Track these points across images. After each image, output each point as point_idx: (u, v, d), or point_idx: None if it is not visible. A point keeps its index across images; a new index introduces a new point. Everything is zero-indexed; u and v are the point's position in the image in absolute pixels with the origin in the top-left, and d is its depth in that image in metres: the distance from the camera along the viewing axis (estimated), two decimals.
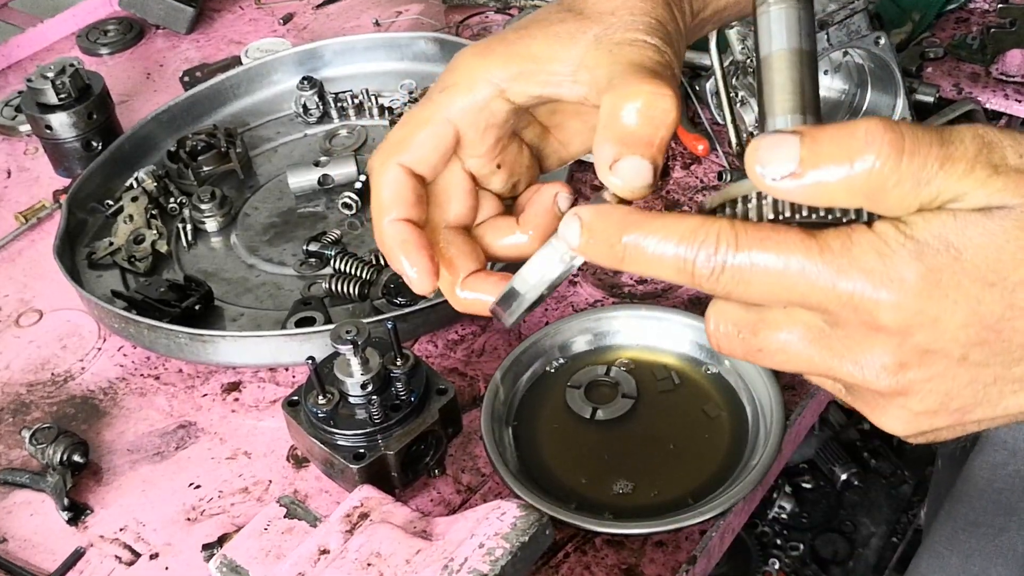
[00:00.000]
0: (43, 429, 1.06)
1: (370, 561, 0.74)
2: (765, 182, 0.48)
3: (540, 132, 0.70)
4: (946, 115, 1.29)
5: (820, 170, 0.47)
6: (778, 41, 0.56)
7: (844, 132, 0.47)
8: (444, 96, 0.65)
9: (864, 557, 1.96)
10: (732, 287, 0.50)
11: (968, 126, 0.48)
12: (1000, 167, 0.47)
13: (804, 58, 0.56)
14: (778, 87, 0.56)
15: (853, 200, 0.48)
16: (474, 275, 0.67)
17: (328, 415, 0.96)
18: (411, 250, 0.64)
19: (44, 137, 1.45)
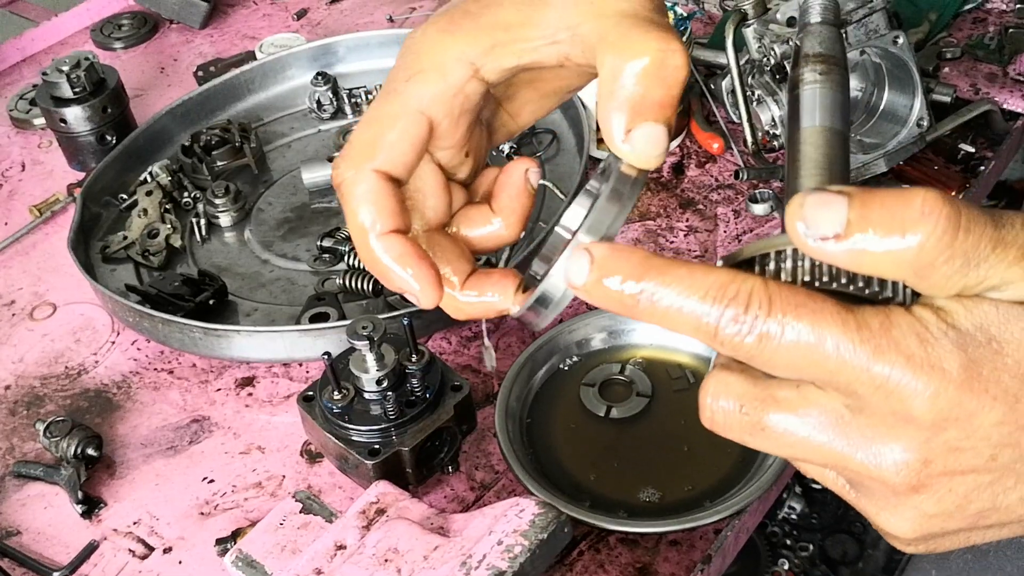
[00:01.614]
0: (57, 422, 1.06)
1: (387, 557, 0.74)
2: (807, 242, 0.44)
3: (493, 107, 0.64)
4: (963, 115, 1.28)
5: (869, 236, 0.43)
6: (815, 118, 0.56)
7: (899, 200, 0.43)
8: (412, 85, 0.57)
9: (874, 558, 1.95)
10: (756, 354, 0.45)
11: (1020, 213, 0.45)
12: None
13: (838, 139, 0.56)
14: (811, 161, 0.54)
15: (899, 273, 0.44)
16: (473, 277, 0.60)
17: (343, 411, 0.95)
18: (411, 263, 0.57)
19: (58, 131, 1.45)
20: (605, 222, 0.50)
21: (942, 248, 0.43)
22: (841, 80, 0.59)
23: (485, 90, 0.59)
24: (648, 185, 1.33)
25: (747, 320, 0.45)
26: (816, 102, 0.57)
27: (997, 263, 0.44)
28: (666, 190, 1.32)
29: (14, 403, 1.15)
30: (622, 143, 0.51)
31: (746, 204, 1.27)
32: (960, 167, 1.27)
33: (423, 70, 0.57)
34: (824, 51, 0.60)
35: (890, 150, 1.18)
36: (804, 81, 0.57)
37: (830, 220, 0.43)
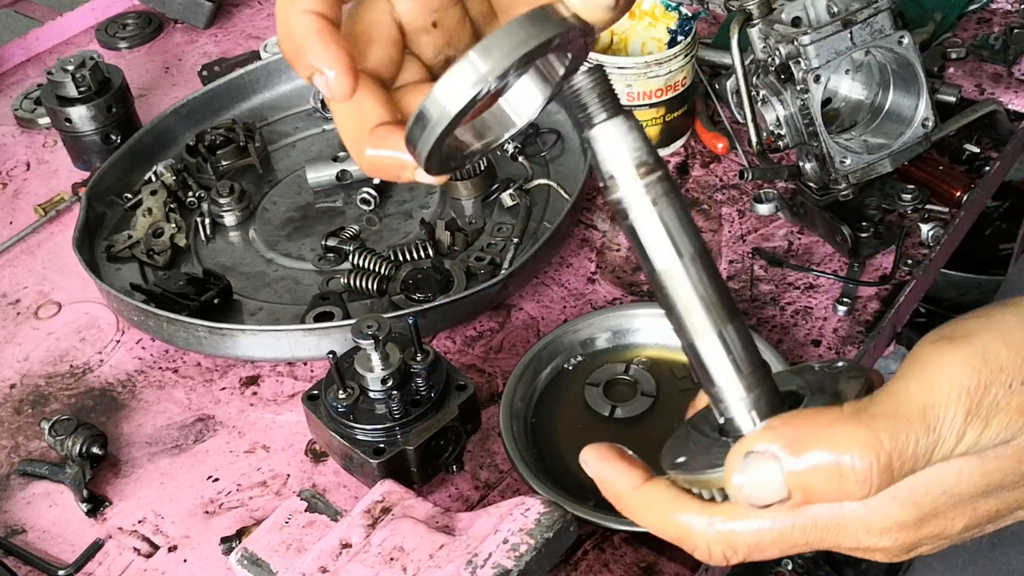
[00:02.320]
0: (62, 421, 1.06)
1: (393, 555, 0.74)
2: (754, 508, 0.49)
3: (486, 11, 0.60)
4: (968, 116, 1.28)
5: (811, 508, 0.49)
6: (673, 253, 0.50)
7: (831, 467, 0.46)
8: None
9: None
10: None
11: (950, 376, 0.47)
12: (991, 414, 0.47)
13: (705, 266, 0.51)
14: (699, 320, 0.51)
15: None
16: (386, 126, 0.54)
17: (348, 410, 0.96)
18: (329, 42, 0.51)
19: (63, 130, 1.45)
20: (501, 45, 0.47)
21: (885, 492, 0.47)
22: (670, 183, 0.50)
23: None
24: None
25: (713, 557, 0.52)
26: (663, 230, 0.50)
27: (938, 455, 0.47)
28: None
29: (19, 402, 1.16)
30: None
31: (751, 204, 1.27)
32: (965, 167, 1.27)
33: None
34: (640, 158, 0.49)
35: (895, 150, 1.18)
36: (631, 208, 0.49)
37: (773, 492, 0.47)
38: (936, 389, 0.47)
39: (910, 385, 0.47)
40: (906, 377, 0.48)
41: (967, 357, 0.47)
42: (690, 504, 0.52)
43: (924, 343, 0.49)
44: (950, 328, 0.49)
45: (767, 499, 0.47)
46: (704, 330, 0.51)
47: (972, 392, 0.47)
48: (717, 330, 0.51)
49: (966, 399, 0.47)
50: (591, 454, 0.56)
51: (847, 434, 0.46)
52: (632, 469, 0.54)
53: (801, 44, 1.12)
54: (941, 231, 1.19)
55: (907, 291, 1.13)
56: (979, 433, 0.47)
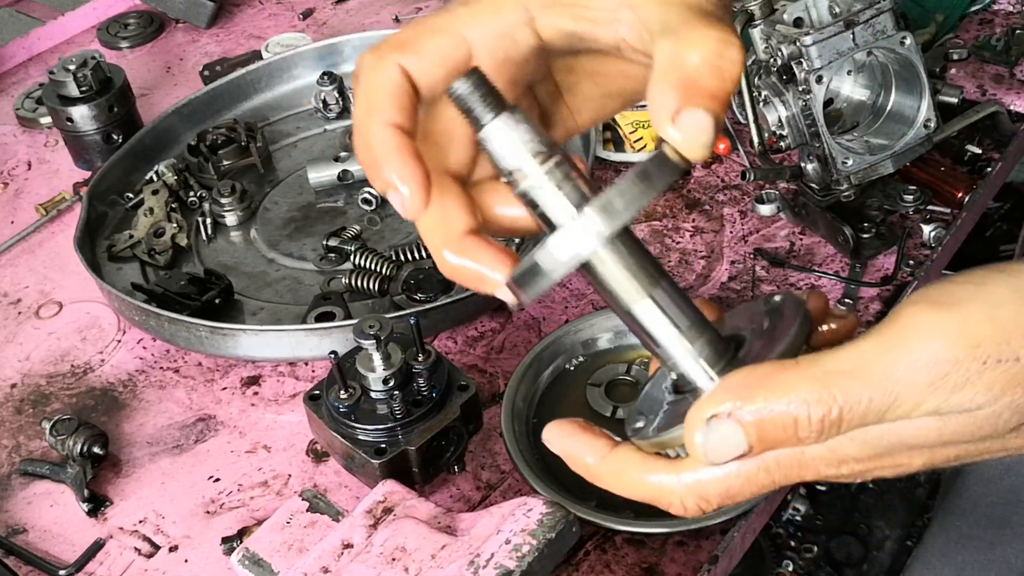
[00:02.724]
0: (63, 420, 1.06)
1: (395, 556, 0.74)
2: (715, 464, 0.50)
3: (552, 92, 0.62)
4: (970, 117, 1.28)
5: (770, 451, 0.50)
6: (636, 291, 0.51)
7: (788, 419, 0.48)
8: (466, 11, 0.56)
9: (878, 560, 1.95)
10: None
11: (922, 344, 0.47)
12: (959, 386, 0.48)
13: (670, 291, 0.52)
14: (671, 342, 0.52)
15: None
16: (470, 236, 0.55)
17: (349, 410, 0.95)
18: (407, 159, 0.52)
19: (65, 129, 1.45)
20: (620, 200, 0.49)
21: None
22: (569, 164, 0.51)
23: (537, 46, 0.57)
24: None
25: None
26: (622, 271, 0.50)
27: (893, 410, 0.48)
28: (672, 190, 1.32)
29: (20, 401, 1.15)
30: (669, 124, 0.50)
31: (752, 204, 1.27)
32: (967, 168, 1.27)
33: (480, 1, 0.56)
34: (535, 148, 0.50)
35: (897, 151, 1.18)
36: (539, 196, 0.50)
37: (730, 444, 0.48)
38: (903, 355, 0.47)
39: (878, 346, 0.48)
40: (878, 336, 0.48)
41: (945, 328, 0.47)
42: (657, 465, 0.53)
43: (907, 303, 0.49)
44: (937, 291, 0.49)
45: (729, 455, 0.49)
46: (636, 297, 0.51)
47: (941, 364, 0.47)
48: (648, 293, 0.52)
49: (934, 370, 0.47)
50: (554, 432, 0.57)
51: (803, 389, 0.47)
52: (596, 440, 0.55)
53: (803, 44, 1.12)
54: (943, 232, 1.19)
55: (909, 292, 1.13)
56: (942, 400, 0.48)
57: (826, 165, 1.17)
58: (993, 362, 0.47)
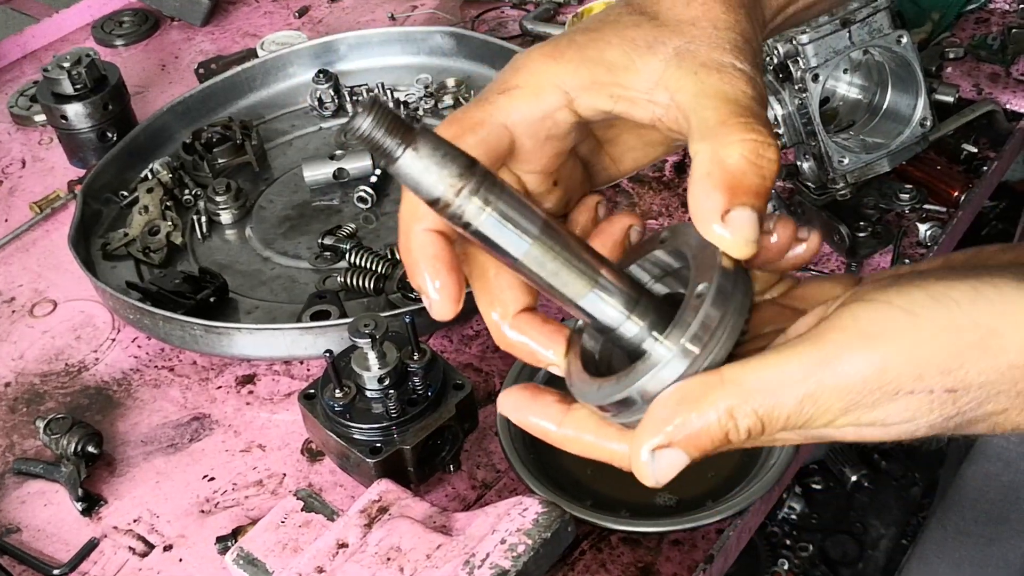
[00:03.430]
0: (57, 419, 1.05)
1: (390, 556, 0.73)
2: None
3: (593, 146, 0.64)
4: (966, 116, 1.28)
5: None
6: (520, 239, 0.51)
7: (718, 434, 0.50)
8: (505, 99, 0.57)
9: (874, 559, 1.95)
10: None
11: (838, 372, 0.49)
12: (869, 409, 0.50)
13: (556, 236, 0.52)
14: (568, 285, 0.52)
15: None
16: (525, 314, 0.58)
17: (345, 409, 0.95)
18: (441, 268, 0.55)
19: (59, 127, 1.44)
20: (706, 334, 0.51)
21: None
22: (491, 179, 0.50)
23: (577, 122, 0.58)
24: (650, 184, 1.33)
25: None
26: (506, 223, 0.50)
27: (810, 424, 0.51)
28: (668, 189, 1.31)
29: (14, 400, 1.15)
30: (718, 224, 0.51)
31: None
32: (963, 167, 1.27)
33: (519, 87, 0.58)
34: (454, 171, 0.49)
35: (893, 150, 1.17)
36: (468, 217, 0.50)
37: (671, 469, 0.51)
38: (820, 382, 0.49)
39: (801, 368, 0.50)
40: (801, 357, 0.50)
41: (863, 363, 0.49)
42: (610, 432, 0.55)
43: (839, 319, 0.51)
44: (870, 314, 0.50)
45: (674, 473, 0.52)
46: (582, 290, 0.53)
47: (856, 393, 0.49)
48: (592, 284, 0.53)
49: (848, 398, 0.49)
50: (508, 403, 0.57)
51: (731, 406, 0.50)
52: (550, 407, 0.56)
53: (799, 43, 1.12)
54: (939, 231, 1.19)
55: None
56: (855, 419, 0.50)
57: (822, 164, 1.17)
58: (905, 394, 0.49)
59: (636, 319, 0.53)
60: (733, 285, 0.52)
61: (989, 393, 0.49)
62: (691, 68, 0.55)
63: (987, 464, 1.34)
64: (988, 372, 0.49)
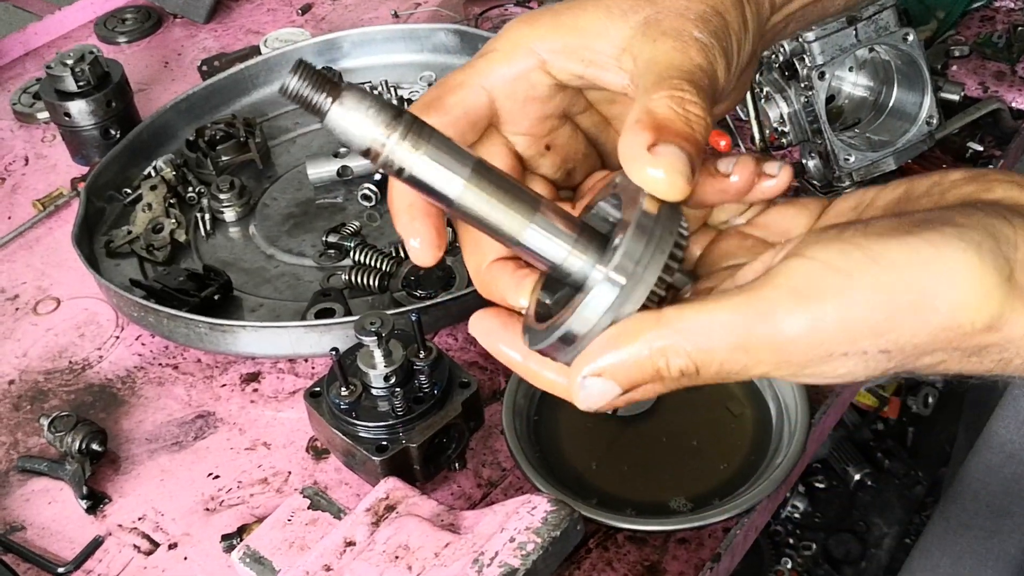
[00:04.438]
0: (61, 417, 1.05)
1: (398, 554, 0.73)
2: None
3: (599, 121, 0.66)
4: (971, 114, 1.28)
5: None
6: (454, 178, 0.52)
7: (651, 371, 0.52)
8: (482, 61, 0.61)
9: (877, 558, 1.95)
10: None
11: (774, 331, 0.50)
12: (803, 372, 0.52)
13: (487, 173, 0.53)
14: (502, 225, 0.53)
15: None
16: (499, 261, 0.60)
17: (351, 407, 0.95)
18: (418, 215, 0.58)
19: (62, 124, 1.44)
20: (630, 264, 0.51)
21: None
22: (418, 123, 0.52)
23: (554, 84, 0.61)
24: None
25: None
26: (438, 165, 0.51)
27: (741, 373, 0.52)
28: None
29: (18, 398, 1.15)
30: (648, 159, 0.52)
31: None
32: (968, 166, 1.27)
33: (495, 50, 0.61)
34: (382, 120, 0.50)
35: (899, 148, 1.17)
36: (401, 162, 0.51)
37: (604, 397, 0.53)
38: (754, 334, 0.50)
39: (734, 318, 0.50)
40: (736, 307, 0.50)
41: (797, 324, 0.49)
42: (567, 371, 0.55)
43: (776, 275, 0.51)
44: (806, 271, 0.50)
45: (604, 401, 0.53)
46: (520, 227, 0.53)
47: (788, 352, 0.50)
48: (530, 219, 0.53)
49: (780, 355, 0.50)
50: (480, 327, 0.59)
51: (664, 345, 0.51)
52: (518, 338, 0.58)
53: (806, 41, 1.12)
54: None
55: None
56: (788, 373, 0.52)
57: (828, 162, 1.16)
58: (839, 355, 0.50)
59: (579, 252, 0.54)
60: (655, 220, 0.52)
61: (924, 351, 0.50)
62: (652, 36, 0.57)
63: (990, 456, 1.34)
64: (920, 334, 0.49)
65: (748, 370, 0.51)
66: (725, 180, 0.57)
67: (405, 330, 0.98)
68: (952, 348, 0.50)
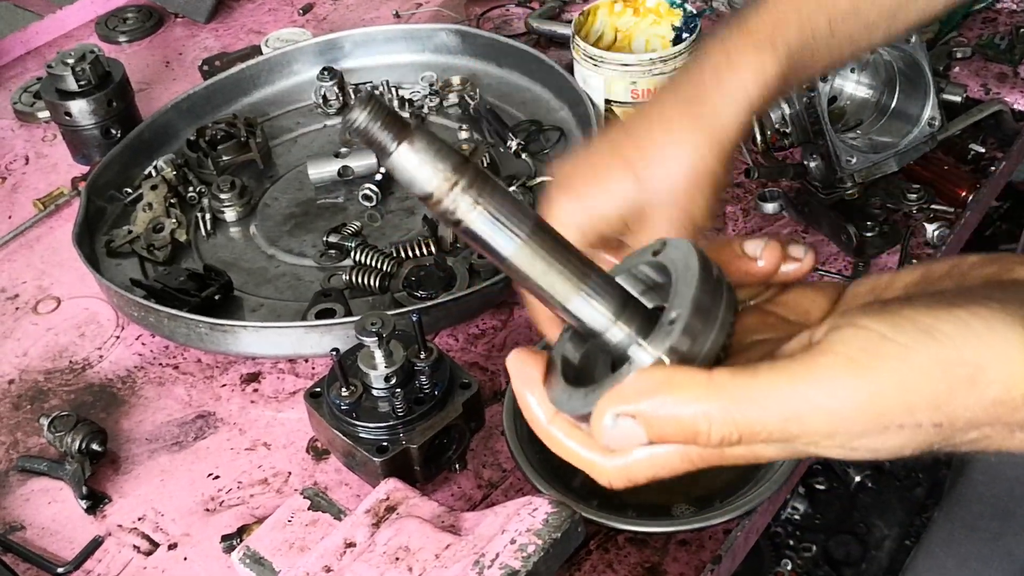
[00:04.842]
0: (61, 417, 1.05)
1: (398, 555, 0.73)
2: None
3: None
4: (973, 116, 1.28)
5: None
6: (514, 237, 0.51)
7: (688, 426, 0.50)
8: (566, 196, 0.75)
9: (877, 559, 1.95)
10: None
11: (830, 399, 0.49)
12: (854, 444, 0.51)
13: (547, 237, 0.53)
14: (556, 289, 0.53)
15: None
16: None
17: (351, 407, 0.95)
18: (558, 324, 0.62)
19: (63, 124, 1.44)
20: (685, 344, 0.52)
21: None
22: (483, 177, 0.51)
23: (600, 235, 0.75)
24: None
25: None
26: (496, 222, 0.50)
27: (790, 445, 0.50)
28: None
29: (18, 397, 1.15)
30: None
31: (755, 203, 1.26)
32: (970, 167, 1.26)
33: (548, 217, 0.71)
34: (447, 167, 0.49)
35: (901, 149, 1.17)
36: (460, 214, 0.50)
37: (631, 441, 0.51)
38: (809, 401, 0.49)
39: (790, 385, 0.49)
40: (793, 373, 0.49)
41: (855, 391, 0.48)
42: (592, 443, 0.55)
43: (832, 342, 0.50)
44: (863, 340, 0.49)
45: (627, 446, 0.52)
46: (569, 293, 0.53)
47: (843, 421, 0.49)
48: (579, 288, 0.53)
49: (834, 424, 0.49)
50: (516, 370, 0.57)
51: (709, 407, 0.49)
52: (548, 402, 0.57)
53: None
54: (946, 231, 1.19)
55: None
56: (838, 444, 0.50)
57: (830, 163, 1.16)
58: (895, 427, 0.49)
59: (622, 325, 0.54)
60: (713, 299, 0.52)
61: (973, 425, 0.49)
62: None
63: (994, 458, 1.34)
64: (974, 408, 0.49)
65: (795, 439, 0.50)
66: (752, 263, 0.58)
67: (406, 331, 0.98)
68: (1000, 423, 0.50)
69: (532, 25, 1.61)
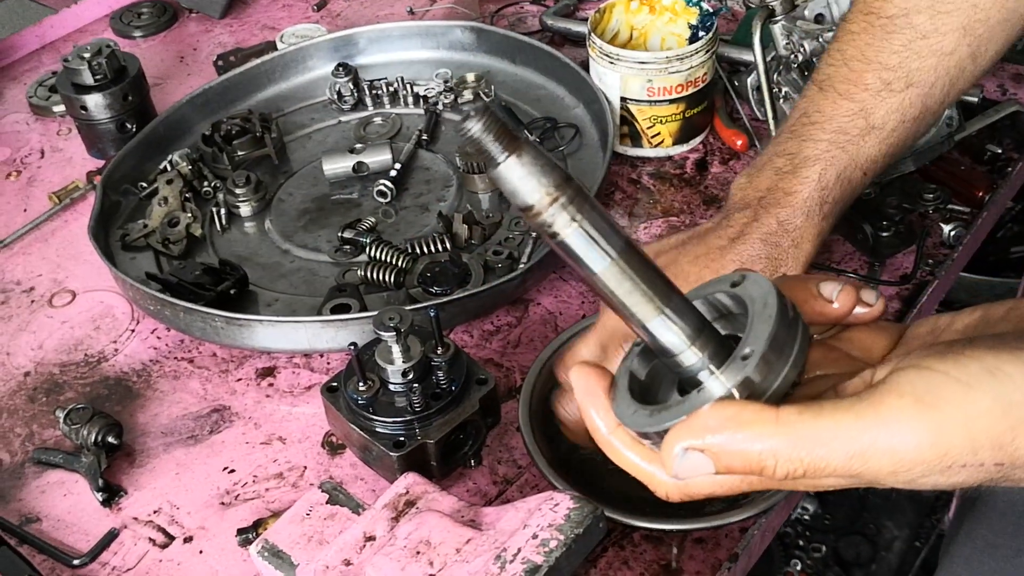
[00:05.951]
0: (77, 409, 1.05)
1: (419, 549, 0.73)
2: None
3: None
4: (990, 116, 1.28)
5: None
6: (603, 255, 0.54)
7: (754, 461, 0.52)
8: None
9: (887, 560, 1.94)
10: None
11: (892, 438, 0.50)
12: (917, 482, 0.52)
13: (636, 258, 0.55)
14: (637, 311, 0.55)
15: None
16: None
17: (368, 402, 0.95)
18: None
19: (79, 118, 1.44)
20: (759, 377, 0.54)
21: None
22: (582, 195, 0.53)
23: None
24: (671, 181, 1.32)
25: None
26: (590, 240, 0.53)
27: (852, 481, 0.53)
28: (689, 186, 1.31)
29: (33, 390, 1.15)
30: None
31: None
32: (987, 168, 1.26)
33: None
34: (550, 183, 0.52)
35: (918, 150, 1.17)
36: (556, 228, 0.53)
37: (699, 471, 0.53)
38: (874, 442, 0.50)
39: (855, 424, 0.50)
40: (859, 413, 0.51)
41: (920, 431, 0.50)
42: (652, 456, 0.57)
43: (897, 383, 0.51)
44: (927, 381, 0.50)
45: (695, 475, 0.54)
46: (651, 314, 0.56)
47: (908, 461, 0.50)
48: (661, 311, 0.56)
49: (899, 463, 0.50)
50: (580, 383, 0.60)
51: (776, 444, 0.51)
52: (611, 413, 0.59)
53: (827, 41, 1.11)
54: (963, 231, 1.18)
55: (929, 291, 1.12)
56: (901, 482, 0.52)
57: None
58: (958, 467, 0.50)
59: (696, 350, 0.56)
60: (787, 337, 0.54)
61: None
62: None
63: None
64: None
65: (859, 476, 0.51)
66: (827, 304, 0.61)
67: (422, 326, 0.98)
68: None
69: (546, 22, 1.61)
